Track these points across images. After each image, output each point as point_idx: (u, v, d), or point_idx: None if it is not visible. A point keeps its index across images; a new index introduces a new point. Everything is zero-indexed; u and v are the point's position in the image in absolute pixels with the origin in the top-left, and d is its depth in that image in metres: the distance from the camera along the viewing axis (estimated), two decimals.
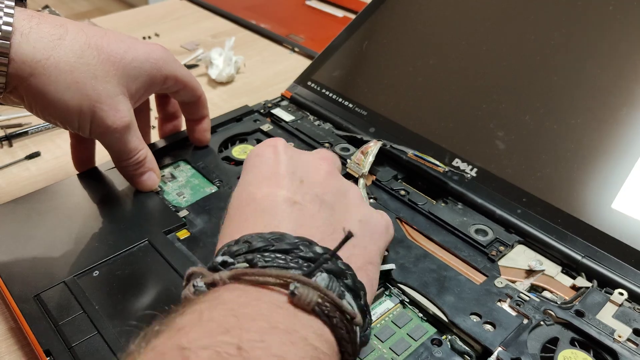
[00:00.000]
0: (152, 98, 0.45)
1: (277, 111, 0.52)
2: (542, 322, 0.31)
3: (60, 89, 0.34)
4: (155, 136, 0.49)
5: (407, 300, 0.33)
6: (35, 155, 0.53)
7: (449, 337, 0.31)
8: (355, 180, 0.42)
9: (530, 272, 0.35)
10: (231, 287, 0.24)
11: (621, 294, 0.33)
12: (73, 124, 0.36)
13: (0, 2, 0.33)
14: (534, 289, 0.35)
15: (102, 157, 0.43)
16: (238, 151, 0.47)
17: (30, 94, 0.34)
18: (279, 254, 0.24)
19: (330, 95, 0.53)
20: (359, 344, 0.25)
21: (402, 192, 0.42)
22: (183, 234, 0.38)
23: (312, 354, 0.22)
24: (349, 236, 0.25)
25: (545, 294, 0.34)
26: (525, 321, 0.31)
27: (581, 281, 0.35)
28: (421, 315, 0.33)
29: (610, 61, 0.42)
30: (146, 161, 0.40)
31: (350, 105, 0.51)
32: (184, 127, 0.48)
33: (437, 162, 0.41)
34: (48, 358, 0.29)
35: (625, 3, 0.44)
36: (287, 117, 0.51)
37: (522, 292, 0.33)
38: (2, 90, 0.34)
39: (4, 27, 0.32)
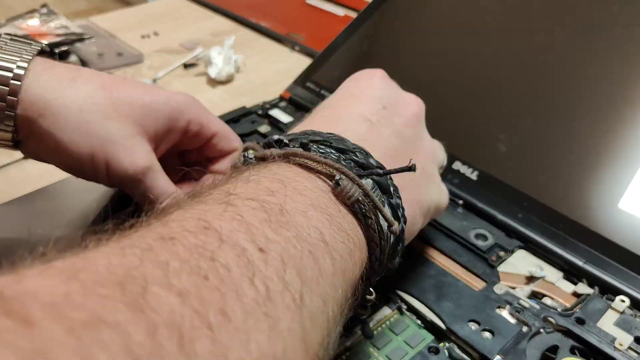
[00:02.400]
0: None
1: (275, 112, 0.51)
2: (541, 330, 0.31)
3: (69, 129, 0.32)
4: None
5: (405, 307, 0.33)
6: None
7: (447, 344, 0.31)
8: None
9: (530, 278, 0.35)
10: (280, 163, 0.25)
11: (623, 301, 0.32)
12: (87, 169, 0.33)
13: (24, 49, 0.32)
14: (534, 295, 0.34)
15: None
16: None
17: (39, 139, 0.32)
18: (333, 151, 0.25)
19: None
20: (387, 262, 0.26)
21: None
22: None
23: (346, 240, 0.22)
24: (411, 167, 0.25)
25: (546, 300, 0.33)
26: (525, 329, 0.31)
27: (583, 287, 0.34)
28: (419, 322, 0.32)
29: (613, 61, 0.42)
30: None
31: None
32: None
33: None
34: None
35: (628, 5, 0.43)
36: (285, 118, 0.51)
37: (522, 299, 0.33)
38: (14, 134, 0.32)
39: (16, 71, 0.31)
